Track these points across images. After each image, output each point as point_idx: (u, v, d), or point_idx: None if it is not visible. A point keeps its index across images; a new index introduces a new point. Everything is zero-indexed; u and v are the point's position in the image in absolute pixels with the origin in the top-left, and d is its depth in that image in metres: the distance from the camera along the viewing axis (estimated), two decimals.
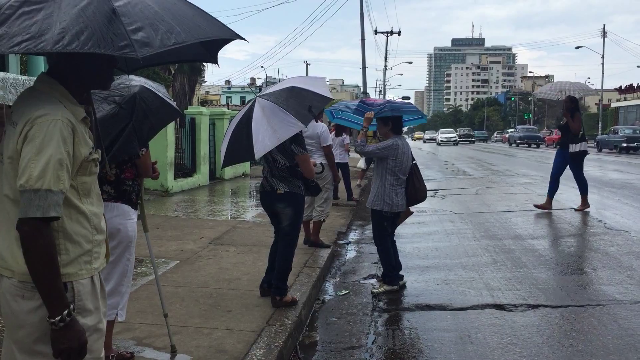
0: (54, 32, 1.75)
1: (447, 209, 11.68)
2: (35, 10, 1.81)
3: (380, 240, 6.08)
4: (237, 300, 5.30)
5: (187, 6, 2.13)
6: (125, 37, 1.80)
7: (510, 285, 6.14)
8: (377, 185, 5.96)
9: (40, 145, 1.90)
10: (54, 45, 1.73)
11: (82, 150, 2.03)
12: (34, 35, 1.75)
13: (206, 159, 15.74)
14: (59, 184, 1.92)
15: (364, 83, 35.67)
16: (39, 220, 1.88)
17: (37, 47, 1.73)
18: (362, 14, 32.83)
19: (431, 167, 24.07)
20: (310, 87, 4.99)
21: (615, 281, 6.22)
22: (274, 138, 4.60)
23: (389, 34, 46.02)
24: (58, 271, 1.94)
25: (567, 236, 8.60)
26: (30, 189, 1.88)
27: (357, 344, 4.71)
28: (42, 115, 1.94)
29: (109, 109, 3.39)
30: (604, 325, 4.92)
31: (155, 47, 1.84)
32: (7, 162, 2.01)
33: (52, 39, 1.74)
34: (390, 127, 5.98)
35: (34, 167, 1.89)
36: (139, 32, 1.83)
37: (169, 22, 1.93)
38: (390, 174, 5.89)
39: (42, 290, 1.92)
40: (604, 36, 57.53)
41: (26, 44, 1.74)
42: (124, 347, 4.07)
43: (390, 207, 5.93)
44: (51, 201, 1.89)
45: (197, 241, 7.87)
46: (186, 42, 1.95)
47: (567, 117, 10.56)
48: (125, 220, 3.71)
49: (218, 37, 2.17)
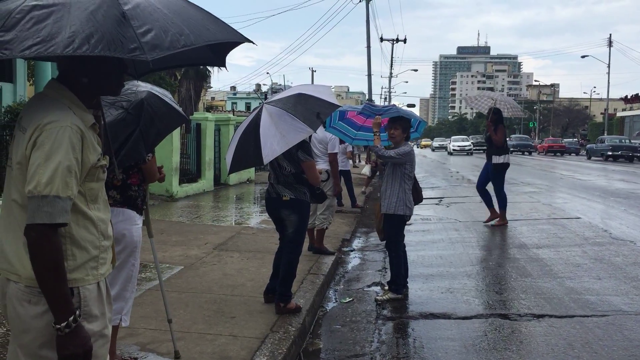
0: (64, 36, 1.75)
1: (451, 217, 11.66)
2: (45, 14, 1.82)
3: (397, 246, 6.08)
4: (241, 306, 5.29)
5: (195, 10, 2.13)
6: (135, 40, 1.80)
7: (515, 295, 6.11)
8: (397, 191, 5.95)
9: (48, 152, 1.91)
10: (64, 48, 1.74)
11: (90, 157, 2.03)
12: (44, 38, 1.75)
13: (211, 164, 15.76)
14: (67, 190, 1.92)
15: (369, 90, 35.66)
16: (46, 226, 1.88)
17: (48, 51, 1.73)
18: (368, 21, 32.87)
19: (436, 175, 24.05)
20: (318, 94, 5.00)
21: (620, 292, 6.19)
22: (283, 143, 4.59)
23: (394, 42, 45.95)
24: (64, 277, 1.94)
25: (572, 246, 8.57)
26: (38, 195, 1.88)
27: (361, 352, 4.70)
28: (51, 122, 1.94)
29: (117, 114, 3.40)
30: (610, 336, 4.89)
31: (164, 49, 1.84)
32: (16, 168, 2.01)
33: (62, 42, 1.74)
34: (406, 134, 6.01)
35: (42, 173, 1.89)
36: (148, 34, 1.83)
37: (178, 25, 1.93)
38: (407, 179, 5.96)
39: (48, 295, 1.93)
40: (610, 45, 57.53)
41: (37, 47, 1.74)
42: (127, 352, 4.07)
43: (410, 211, 6.05)
44: (59, 207, 1.89)
45: (202, 247, 7.88)
46: (195, 45, 1.95)
47: (489, 129, 10.36)
48: (131, 226, 3.72)
49: (227, 40, 2.17)
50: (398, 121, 5.98)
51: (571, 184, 18.84)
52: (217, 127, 16.88)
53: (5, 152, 7.80)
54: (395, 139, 5.96)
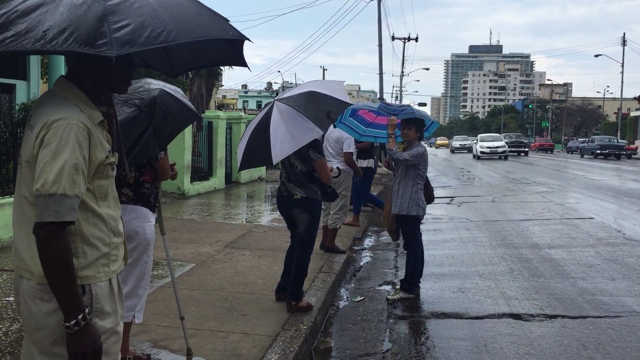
0: (39, 30, 1.78)
1: (463, 217, 11.61)
2: (32, 7, 1.86)
3: (415, 246, 6.05)
4: (252, 304, 5.30)
5: (194, 5, 2.09)
6: (105, 36, 1.79)
7: (527, 295, 6.08)
8: (410, 191, 5.92)
9: (55, 150, 1.91)
10: (34, 43, 1.76)
11: (98, 154, 2.03)
12: (19, 33, 1.78)
13: (223, 162, 15.81)
14: (75, 188, 1.92)
15: (381, 89, 35.59)
16: (55, 224, 1.88)
17: (18, 46, 1.77)
18: (380, 19, 32.79)
19: (447, 174, 23.95)
20: (329, 91, 4.97)
21: (634, 293, 6.14)
22: (292, 143, 4.59)
23: (406, 40, 45.86)
24: (74, 275, 1.94)
25: (585, 246, 8.51)
26: (45, 194, 1.88)
27: (373, 350, 4.69)
28: (57, 120, 1.94)
29: (129, 112, 3.41)
30: (623, 337, 4.85)
31: (137, 45, 1.82)
32: (24, 166, 2.02)
33: (34, 37, 1.77)
34: (419, 134, 5.98)
35: (49, 171, 1.89)
36: (123, 29, 1.82)
37: (163, 20, 1.91)
38: (420, 178, 5.95)
39: (57, 294, 1.93)
40: (624, 44, 56.99)
41: (8, 41, 1.78)
42: (140, 349, 4.09)
43: (424, 211, 6.03)
44: (67, 206, 1.89)
45: (213, 244, 7.90)
46: (176, 42, 1.92)
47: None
48: (144, 223, 3.73)
49: (217, 37, 2.13)
50: (412, 121, 5.95)
51: (584, 184, 18.70)
52: (229, 126, 16.93)
53: (19, 150, 7.85)
54: (408, 138, 5.94)
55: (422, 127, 6.04)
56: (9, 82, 12.60)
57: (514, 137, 49.53)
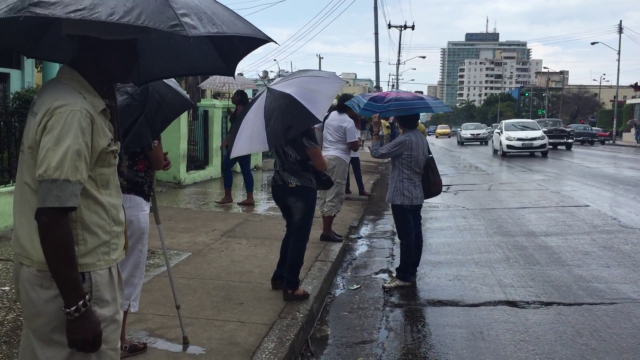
0: (107, 6, 1.76)
1: (459, 205, 11.63)
2: None
3: (405, 235, 6.04)
4: (249, 292, 5.31)
5: (222, 7, 2.16)
6: (175, 18, 1.81)
7: (523, 282, 6.10)
8: (395, 180, 5.93)
9: (58, 136, 1.91)
10: (107, 16, 1.74)
11: (100, 142, 2.04)
12: (87, 6, 1.76)
13: (218, 151, 15.76)
14: (77, 174, 1.93)
15: (377, 77, 35.54)
16: (56, 210, 1.89)
17: (92, 16, 1.73)
18: (376, 7, 32.70)
19: (443, 162, 23.97)
20: (308, 100, 4.67)
21: (629, 279, 6.16)
22: (247, 146, 4.79)
23: (402, 28, 45.71)
24: (74, 261, 1.95)
25: (581, 233, 8.53)
26: (48, 179, 1.89)
27: (369, 338, 4.70)
28: (61, 106, 1.95)
29: (122, 100, 3.39)
30: (618, 324, 4.87)
31: (201, 31, 1.85)
32: (27, 152, 2.03)
33: (105, 11, 1.75)
34: (407, 127, 5.94)
35: (52, 157, 1.90)
36: (187, 17, 1.85)
37: (209, 15, 1.96)
38: (406, 168, 5.88)
39: (58, 279, 1.94)
40: (621, 32, 56.82)
41: (81, 12, 1.74)
42: (136, 337, 4.09)
43: (410, 200, 5.93)
44: (69, 191, 1.90)
45: (209, 233, 7.89)
46: (227, 34, 1.98)
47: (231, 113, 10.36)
48: (138, 212, 3.72)
49: (253, 35, 2.17)
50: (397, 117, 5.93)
51: (580, 172, 18.71)
52: (225, 114, 16.87)
53: (14, 139, 7.82)
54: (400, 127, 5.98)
55: (410, 119, 5.94)
56: (4, 71, 12.54)
57: (550, 124, 35.21)
